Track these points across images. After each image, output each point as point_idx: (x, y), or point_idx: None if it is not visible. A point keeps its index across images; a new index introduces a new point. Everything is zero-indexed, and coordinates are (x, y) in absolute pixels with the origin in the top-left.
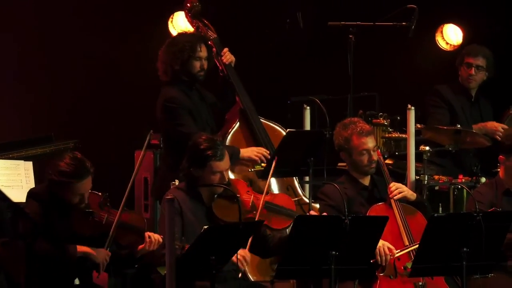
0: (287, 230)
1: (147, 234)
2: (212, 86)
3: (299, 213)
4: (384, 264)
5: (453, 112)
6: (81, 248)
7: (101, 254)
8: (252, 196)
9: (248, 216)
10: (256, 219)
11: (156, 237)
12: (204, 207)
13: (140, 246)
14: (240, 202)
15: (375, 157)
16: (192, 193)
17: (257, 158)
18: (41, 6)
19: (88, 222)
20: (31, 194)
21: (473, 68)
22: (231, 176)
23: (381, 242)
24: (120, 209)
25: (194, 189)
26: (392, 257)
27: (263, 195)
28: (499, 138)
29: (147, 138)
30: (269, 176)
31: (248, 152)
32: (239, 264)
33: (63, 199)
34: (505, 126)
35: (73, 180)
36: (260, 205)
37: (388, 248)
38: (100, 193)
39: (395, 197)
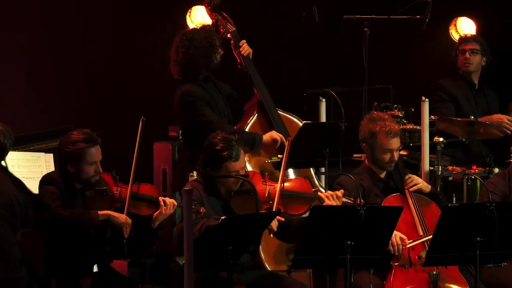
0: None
1: (161, 198)
2: (230, 78)
3: (316, 195)
4: (396, 253)
5: (457, 104)
6: (102, 212)
7: (122, 216)
8: (268, 186)
9: (265, 207)
10: (274, 207)
11: (170, 200)
12: (222, 201)
13: (156, 213)
14: (257, 194)
15: (396, 157)
16: (210, 187)
17: (278, 138)
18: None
19: (103, 199)
20: (45, 180)
21: (467, 52)
22: (248, 167)
23: (393, 232)
24: (130, 181)
25: (212, 183)
26: (404, 247)
27: (279, 184)
28: (506, 130)
29: (140, 126)
30: (284, 161)
31: (271, 135)
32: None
33: (78, 174)
34: (511, 118)
35: (88, 144)
36: (277, 195)
37: (401, 238)
38: (107, 173)
39: (410, 189)
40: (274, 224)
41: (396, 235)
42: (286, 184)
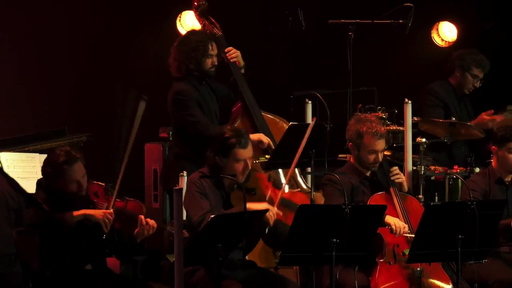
0: None
1: (141, 218)
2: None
3: None
4: (396, 234)
5: (447, 109)
6: (77, 212)
7: (99, 212)
8: (270, 191)
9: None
10: (276, 214)
11: (151, 222)
12: (224, 194)
13: (136, 230)
14: (258, 196)
15: (380, 158)
16: (215, 181)
17: (266, 140)
18: (54, 4)
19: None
20: (39, 184)
21: (479, 81)
22: None
23: (392, 219)
24: (114, 196)
25: (217, 175)
26: (404, 233)
27: (281, 191)
28: (489, 123)
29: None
30: (291, 169)
31: (256, 136)
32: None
33: (63, 190)
34: (490, 112)
35: (64, 167)
36: (277, 202)
37: (403, 225)
38: (102, 184)
39: (396, 180)
40: (271, 217)
41: (399, 221)
42: (287, 194)
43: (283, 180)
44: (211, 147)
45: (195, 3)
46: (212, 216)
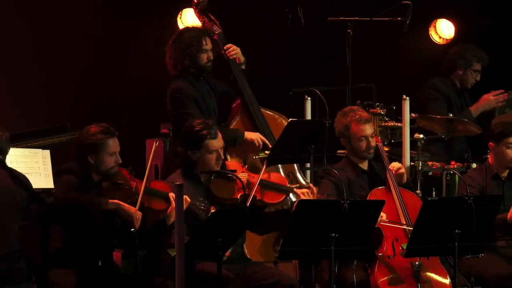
0: (281, 205)
1: (171, 194)
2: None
3: (291, 188)
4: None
5: (449, 103)
6: (113, 200)
7: (132, 208)
8: (247, 175)
9: (242, 193)
10: (251, 195)
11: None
12: (203, 187)
13: (169, 209)
14: (236, 180)
15: (373, 143)
16: (190, 176)
17: (257, 143)
18: (55, 2)
19: (119, 192)
20: (62, 170)
21: (479, 75)
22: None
23: None
24: (145, 176)
25: (192, 172)
26: (382, 221)
27: (259, 175)
28: (498, 103)
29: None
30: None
31: (252, 135)
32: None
33: (99, 166)
34: (496, 92)
35: (107, 136)
36: (256, 183)
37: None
38: (126, 168)
39: (398, 171)
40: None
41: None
42: (264, 175)
43: (300, 178)
44: (181, 142)
45: (195, 1)
46: (213, 211)
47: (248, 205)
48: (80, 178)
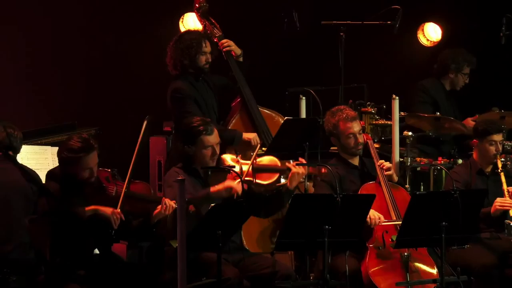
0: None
1: (163, 199)
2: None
3: (284, 167)
4: (372, 226)
5: (436, 105)
6: (88, 207)
7: (109, 209)
8: (240, 164)
9: (236, 179)
10: (243, 178)
11: (171, 202)
12: (202, 181)
13: (156, 211)
14: (230, 172)
15: (361, 139)
16: (189, 170)
17: (253, 142)
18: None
19: (101, 196)
20: (49, 175)
21: (468, 78)
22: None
23: (371, 212)
24: (126, 180)
25: (191, 166)
26: (380, 223)
27: (251, 161)
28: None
29: (144, 124)
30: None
31: (249, 135)
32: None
33: (74, 176)
34: (475, 118)
35: (83, 154)
36: (249, 167)
37: (378, 216)
38: (108, 169)
39: (385, 169)
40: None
41: (375, 213)
42: (256, 161)
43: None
44: (179, 139)
45: (197, 5)
46: (212, 204)
47: (243, 189)
48: (63, 184)
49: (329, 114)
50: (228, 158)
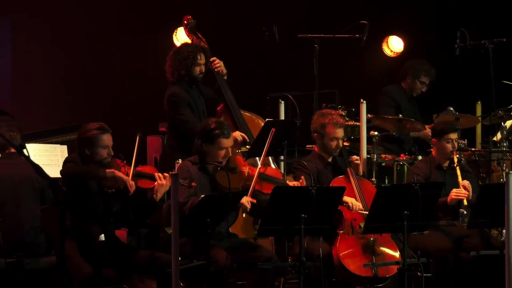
0: None
1: (157, 174)
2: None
3: (285, 182)
4: (352, 210)
5: (398, 109)
6: (109, 170)
7: (126, 176)
8: (248, 168)
9: (242, 184)
10: (252, 186)
11: (165, 175)
12: (209, 176)
13: (156, 186)
14: (238, 173)
15: (341, 144)
16: (200, 166)
17: (239, 139)
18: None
19: (113, 178)
20: (66, 159)
21: (425, 87)
22: None
23: (350, 199)
24: (133, 161)
25: (203, 162)
26: (357, 211)
27: (258, 168)
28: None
29: (137, 139)
30: (266, 147)
31: (234, 133)
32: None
33: (93, 156)
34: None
35: (100, 131)
36: (256, 175)
37: (357, 204)
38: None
39: (355, 161)
40: (248, 204)
41: (354, 201)
42: (263, 169)
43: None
44: (199, 136)
45: (185, 22)
46: (202, 196)
47: (250, 195)
48: (79, 164)
49: (319, 114)
50: (237, 160)
